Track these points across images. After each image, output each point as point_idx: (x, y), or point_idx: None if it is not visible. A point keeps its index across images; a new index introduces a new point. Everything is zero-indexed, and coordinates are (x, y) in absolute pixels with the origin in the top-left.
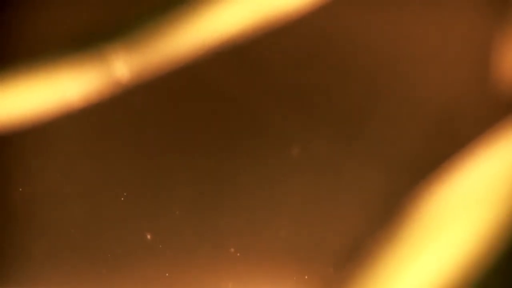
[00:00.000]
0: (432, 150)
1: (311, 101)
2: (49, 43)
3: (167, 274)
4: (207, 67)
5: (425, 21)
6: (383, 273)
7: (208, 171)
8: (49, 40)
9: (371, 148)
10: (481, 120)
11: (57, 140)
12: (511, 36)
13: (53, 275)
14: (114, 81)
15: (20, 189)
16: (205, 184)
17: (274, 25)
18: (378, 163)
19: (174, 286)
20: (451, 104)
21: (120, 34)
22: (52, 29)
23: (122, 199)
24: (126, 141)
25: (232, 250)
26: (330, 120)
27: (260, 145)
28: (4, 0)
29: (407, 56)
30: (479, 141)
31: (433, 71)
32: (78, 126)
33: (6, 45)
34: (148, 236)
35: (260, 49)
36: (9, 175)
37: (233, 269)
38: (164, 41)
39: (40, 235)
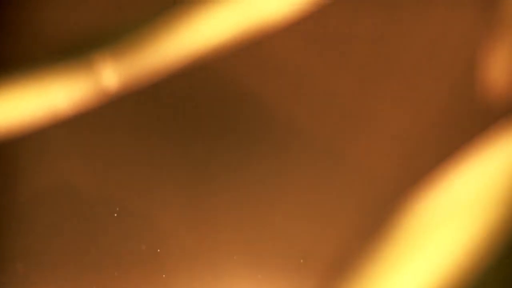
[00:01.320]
0: (424, 153)
1: (307, 99)
2: (37, 51)
3: (164, 275)
4: (196, 74)
5: (417, 24)
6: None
7: (202, 173)
8: (37, 48)
9: (364, 151)
10: (472, 125)
11: (45, 148)
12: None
13: (48, 280)
14: (103, 89)
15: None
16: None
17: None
18: (371, 166)
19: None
20: (442, 108)
21: (109, 41)
22: (40, 36)
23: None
24: (116, 149)
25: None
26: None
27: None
28: None
29: (398, 58)
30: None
31: (424, 74)
32: (66, 134)
33: None
34: (143, 247)
35: (252, 54)
36: None
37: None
38: (153, 49)
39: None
